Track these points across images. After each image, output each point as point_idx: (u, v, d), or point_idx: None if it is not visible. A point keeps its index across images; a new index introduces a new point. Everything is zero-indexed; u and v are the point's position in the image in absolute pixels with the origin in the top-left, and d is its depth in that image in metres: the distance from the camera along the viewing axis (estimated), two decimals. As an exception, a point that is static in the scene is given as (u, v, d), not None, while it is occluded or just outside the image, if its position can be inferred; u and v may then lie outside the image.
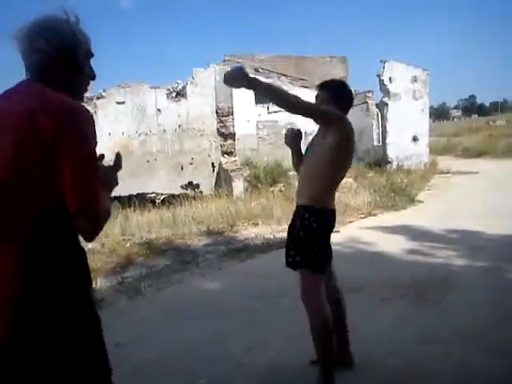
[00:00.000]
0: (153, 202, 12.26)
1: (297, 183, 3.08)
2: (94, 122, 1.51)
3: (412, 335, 3.51)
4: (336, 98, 2.86)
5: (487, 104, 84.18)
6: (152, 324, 4.06)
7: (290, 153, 3.14)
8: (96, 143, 1.50)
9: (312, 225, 2.74)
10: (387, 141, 13.77)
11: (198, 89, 13.21)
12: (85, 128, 1.47)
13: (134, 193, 12.28)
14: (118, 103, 12.83)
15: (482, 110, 77.91)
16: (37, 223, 1.44)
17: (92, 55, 1.63)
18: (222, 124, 13.57)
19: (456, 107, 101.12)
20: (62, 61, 1.53)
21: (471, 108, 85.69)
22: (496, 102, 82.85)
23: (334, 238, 6.78)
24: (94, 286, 3.03)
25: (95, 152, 1.50)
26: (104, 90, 12.90)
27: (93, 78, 1.67)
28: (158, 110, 13.09)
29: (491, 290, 4.41)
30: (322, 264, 2.79)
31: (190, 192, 12.84)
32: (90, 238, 1.53)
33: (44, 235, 1.45)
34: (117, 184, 1.74)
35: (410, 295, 4.40)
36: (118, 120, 12.83)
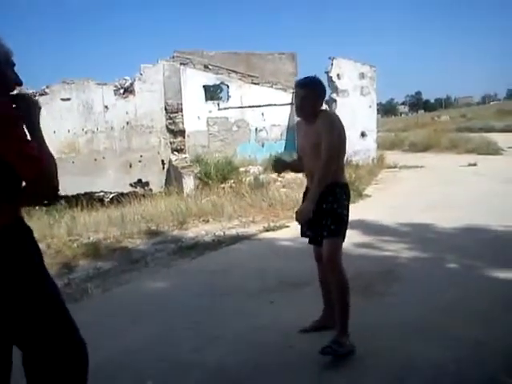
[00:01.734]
0: (101, 201, 11.99)
1: (306, 172, 3.45)
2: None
3: (356, 329, 3.57)
4: (319, 94, 3.26)
5: (432, 100, 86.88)
6: (99, 326, 3.95)
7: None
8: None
9: (342, 197, 3.20)
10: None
11: (146, 85, 13.00)
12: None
13: (82, 192, 11.97)
14: (63, 100, 12.46)
15: (427, 106, 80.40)
16: None
17: (14, 64, 1.89)
18: (171, 121, 13.42)
19: (403, 103, 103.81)
20: None
21: (417, 104, 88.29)
22: (440, 98, 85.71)
23: (284, 233, 6.92)
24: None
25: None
26: (47, 87, 12.49)
27: (19, 84, 1.92)
28: (106, 106, 12.81)
29: (437, 281, 4.52)
30: (346, 231, 3.24)
31: (139, 190, 12.64)
32: (54, 192, 1.85)
33: None
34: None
35: (356, 288, 4.45)
36: (63, 117, 12.46)
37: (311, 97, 3.18)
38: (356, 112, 14.03)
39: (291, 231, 7.01)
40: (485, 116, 38.00)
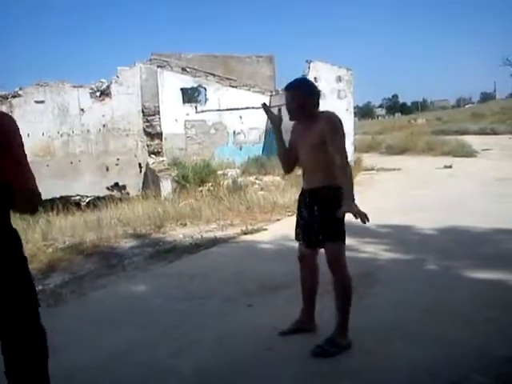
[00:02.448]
0: (77, 204, 11.82)
1: (302, 172, 3.41)
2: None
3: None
4: (306, 94, 3.24)
5: (409, 103, 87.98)
6: (75, 332, 3.88)
7: (274, 134, 3.48)
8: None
9: (335, 200, 3.15)
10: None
11: (123, 88, 12.89)
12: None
13: (57, 196, 11.78)
14: (37, 102, 12.27)
15: (404, 109, 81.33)
16: None
17: None
18: (148, 123, 13.33)
19: (380, 106, 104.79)
20: None
21: (394, 107, 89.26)
22: (417, 101, 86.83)
23: (262, 236, 6.90)
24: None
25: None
26: (20, 89, 12.28)
27: None
28: (81, 109, 12.66)
29: (417, 282, 4.54)
30: (345, 234, 3.24)
31: (116, 193, 12.51)
32: (34, 210, 2.15)
33: None
34: None
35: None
36: (38, 120, 12.27)
37: (298, 98, 3.21)
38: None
39: (269, 234, 7.03)
40: (460, 119, 38.58)
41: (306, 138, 3.25)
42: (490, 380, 2.70)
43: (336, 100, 14.54)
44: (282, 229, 7.37)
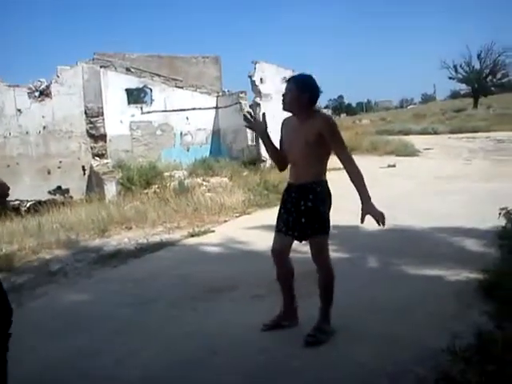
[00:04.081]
0: (16, 210, 11.33)
1: (290, 167, 3.52)
2: None
3: (281, 332, 3.58)
4: (302, 89, 3.32)
5: (354, 104, 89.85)
6: (12, 343, 3.69)
7: (263, 143, 3.59)
8: None
9: (323, 195, 3.35)
10: (260, 140, 14.05)
11: (64, 88, 12.49)
12: None
13: (-6, 201, 11.25)
14: (-32, 102, 11.69)
15: (349, 110, 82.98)
16: None
17: None
18: (91, 125, 12.97)
19: (326, 107, 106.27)
20: None
21: (340, 108, 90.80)
22: (361, 102, 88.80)
23: (209, 238, 6.85)
24: None
25: None
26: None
27: None
28: (19, 110, 12.15)
29: (359, 279, 4.61)
30: (329, 227, 3.38)
31: (58, 198, 12.10)
32: None
33: None
34: None
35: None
36: (-31, 121, 11.69)
37: (294, 91, 3.32)
38: (280, 116, 14.15)
39: (216, 236, 6.98)
40: (403, 119, 39.79)
41: (299, 134, 3.33)
42: (428, 371, 2.77)
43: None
44: (230, 230, 7.36)
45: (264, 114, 3.64)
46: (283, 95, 3.40)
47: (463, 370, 2.64)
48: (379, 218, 3.15)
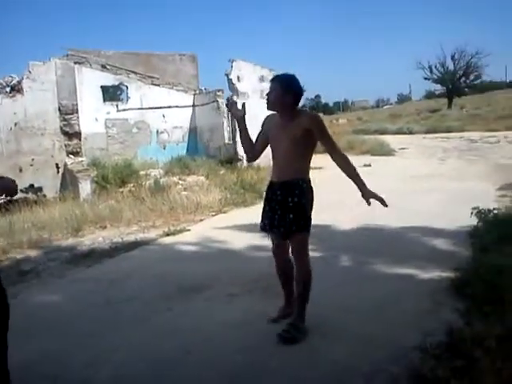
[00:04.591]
0: (-14, 208, 11.07)
1: (273, 165, 3.56)
2: None
3: (256, 329, 3.58)
4: (286, 88, 3.37)
5: (331, 104, 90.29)
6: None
7: (238, 128, 3.69)
8: None
9: (308, 192, 3.41)
10: (237, 139, 14.05)
11: (36, 84, 12.25)
12: None
13: (-36, 199, 11.01)
14: None
15: (326, 109, 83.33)
16: None
17: None
18: (66, 122, 12.77)
19: (304, 106, 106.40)
20: None
21: (317, 107, 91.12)
22: (338, 102, 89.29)
23: (185, 237, 6.80)
24: None
25: None
26: None
27: None
28: (-13, 106, 11.89)
29: (332, 279, 4.60)
30: (311, 225, 3.43)
31: (31, 196, 11.86)
32: None
33: None
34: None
35: (257, 290, 4.48)
36: None
37: (278, 90, 3.36)
38: (256, 114, 14.10)
39: (192, 235, 6.94)
40: (379, 119, 40.21)
41: (285, 132, 3.37)
42: (401, 369, 2.80)
43: (259, 99, 14.63)
44: (205, 229, 7.33)
45: (244, 103, 3.68)
46: (267, 94, 3.44)
47: (433, 366, 2.68)
48: (380, 200, 3.41)
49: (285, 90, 3.35)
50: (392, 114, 45.26)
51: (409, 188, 10.01)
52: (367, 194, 3.41)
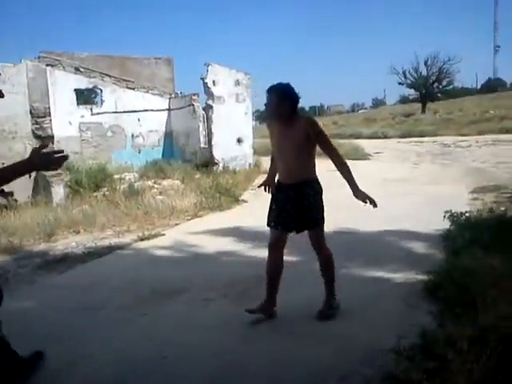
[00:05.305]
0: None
1: (280, 167, 3.77)
2: None
3: (236, 334, 3.56)
4: (282, 97, 3.53)
5: (307, 108, 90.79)
6: None
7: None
8: None
9: (320, 190, 3.72)
10: (213, 142, 14.00)
11: (6, 86, 11.95)
12: None
13: None
14: None
15: (302, 113, 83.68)
16: None
17: None
18: (38, 126, 12.53)
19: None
20: None
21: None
22: (314, 106, 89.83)
23: (159, 242, 6.73)
24: None
25: None
26: None
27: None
28: (-45, 108, 11.60)
29: (308, 283, 4.58)
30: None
31: (1, 201, 11.60)
32: None
33: None
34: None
35: (232, 294, 4.47)
36: None
37: (275, 101, 3.53)
38: (232, 118, 14.18)
39: (166, 239, 6.89)
40: (354, 123, 40.63)
41: (289, 137, 3.56)
42: (375, 371, 2.82)
43: (234, 103, 14.64)
44: (180, 234, 7.28)
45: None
46: (265, 105, 3.62)
47: (407, 368, 2.70)
48: (372, 201, 3.64)
49: (281, 100, 3.51)
50: (367, 118, 45.79)
51: (384, 192, 10.08)
52: (361, 196, 3.66)
